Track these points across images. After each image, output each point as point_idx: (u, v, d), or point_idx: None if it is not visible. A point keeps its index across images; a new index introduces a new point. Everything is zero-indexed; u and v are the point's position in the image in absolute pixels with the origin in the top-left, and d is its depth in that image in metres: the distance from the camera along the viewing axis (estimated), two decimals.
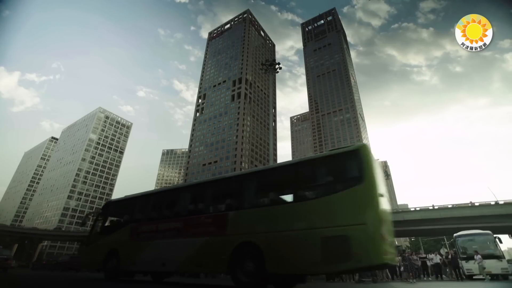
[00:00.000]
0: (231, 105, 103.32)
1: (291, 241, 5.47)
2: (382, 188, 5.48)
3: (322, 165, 6.40)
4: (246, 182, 7.35)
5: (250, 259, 5.81)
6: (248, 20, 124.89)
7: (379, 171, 5.94)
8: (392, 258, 5.33)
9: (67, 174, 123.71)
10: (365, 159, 5.47)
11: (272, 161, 40.35)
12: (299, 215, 5.63)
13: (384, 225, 4.98)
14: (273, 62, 35.96)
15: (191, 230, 7.14)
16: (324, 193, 5.71)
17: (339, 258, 4.94)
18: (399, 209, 67.98)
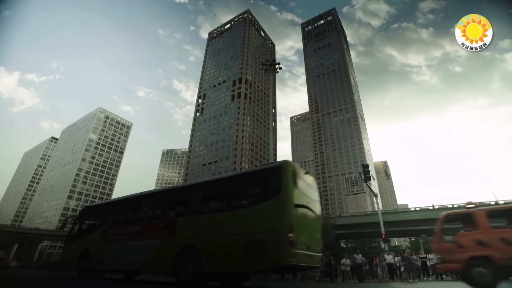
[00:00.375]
0: (231, 105, 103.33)
1: (220, 244, 6.36)
2: (303, 199, 6.42)
3: (250, 179, 7.39)
4: (191, 192, 8.31)
5: (191, 259, 6.61)
6: (248, 20, 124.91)
7: (306, 183, 7.00)
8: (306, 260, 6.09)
9: (67, 174, 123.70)
10: (285, 174, 6.23)
11: (272, 161, 40.25)
12: (228, 222, 6.53)
13: (297, 233, 5.74)
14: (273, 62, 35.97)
15: (147, 234, 8.05)
16: (249, 204, 6.59)
17: (255, 259, 5.79)
18: (399, 209, 68.05)
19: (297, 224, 5.89)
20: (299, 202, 6.16)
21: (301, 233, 5.98)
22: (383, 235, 21.57)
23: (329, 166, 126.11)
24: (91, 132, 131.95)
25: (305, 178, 7.04)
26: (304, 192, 6.65)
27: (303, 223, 6.25)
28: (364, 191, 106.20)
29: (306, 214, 6.47)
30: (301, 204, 6.27)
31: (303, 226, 6.25)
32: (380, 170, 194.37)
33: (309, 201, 6.73)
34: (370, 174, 23.13)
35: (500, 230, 7.47)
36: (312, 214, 6.73)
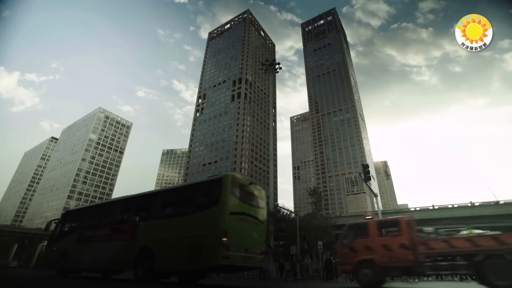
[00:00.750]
0: (231, 105, 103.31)
1: (170, 246, 7.29)
2: (242, 207, 7.35)
3: (198, 189, 8.43)
4: (151, 200, 9.32)
5: (147, 259, 7.47)
6: (248, 20, 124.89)
7: (249, 193, 7.99)
8: (243, 261, 7.03)
9: (67, 174, 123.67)
10: (224, 186, 7.15)
11: (272, 161, 40.34)
12: (177, 227, 7.46)
13: (233, 237, 6.60)
14: (273, 62, 35.95)
15: (114, 236, 9.02)
16: (194, 211, 7.56)
17: (195, 259, 6.75)
18: (399, 209, 68.00)
19: (233, 230, 6.76)
20: (236, 210, 7.10)
21: (237, 237, 6.87)
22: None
23: (329, 166, 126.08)
24: (91, 132, 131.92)
25: (249, 188, 8.09)
26: (245, 201, 7.63)
27: (240, 229, 7.13)
28: (364, 191, 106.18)
29: (245, 221, 7.37)
30: (239, 212, 7.20)
31: (241, 231, 7.14)
32: (380, 170, 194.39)
33: (250, 209, 7.69)
34: (370, 174, 23.14)
35: (383, 238, 8.93)
36: (253, 220, 7.65)
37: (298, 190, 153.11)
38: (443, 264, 8.14)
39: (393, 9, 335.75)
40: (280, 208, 34.99)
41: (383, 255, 8.43)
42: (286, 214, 33.54)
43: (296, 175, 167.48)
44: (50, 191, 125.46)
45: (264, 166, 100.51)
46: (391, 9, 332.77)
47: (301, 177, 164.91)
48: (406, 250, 8.17)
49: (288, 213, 34.08)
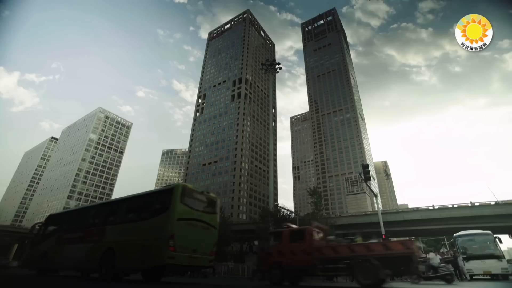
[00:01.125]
0: (231, 105, 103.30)
1: (128, 247, 8.31)
2: (191, 214, 8.42)
3: (154, 197, 9.63)
4: (116, 206, 10.59)
5: (110, 259, 8.43)
6: (248, 20, 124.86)
7: (199, 201, 9.06)
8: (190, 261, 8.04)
9: (67, 174, 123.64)
10: (174, 195, 8.18)
11: (272, 161, 40.33)
12: (135, 230, 8.61)
13: (179, 239, 7.64)
14: (273, 62, 35.94)
15: (86, 238, 10.03)
16: (149, 216, 8.66)
17: (146, 259, 7.80)
18: (399, 209, 68.02)
19: (180, 233, 7.76)
20: (184, 216, 8.15)
21: (185, 240, 7.87)
22: (383, 235, 21.57)
23: (329, 166, 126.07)
24: (91, 132, 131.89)
25: (200, 196, 9.24)
26: (195, 208, 8.69)
27: (188, 232, 8.11)
28: (364, 191, 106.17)
29: (194, 225, 8.39)
30: (188, 217, 8.26)
31: (189, 234, 8.12)
32: (380, 170, 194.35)
33: (200, 215, 8.76)
34: (370, 174, 23.14)
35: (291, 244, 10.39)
36: (202, 225, 8.70)
37: (298, 190, 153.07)
38: (330, 266, 9.54)
39: (393, 9, 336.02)
40: (280, 208, 34.94)
41: (289, 259, 10.03)
42: (286, 214, 33.49)
43: (296, 175, 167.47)
44: (50, 191, 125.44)
45: (264, 166, 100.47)
46: (391, 9, 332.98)
47: (301, 177, 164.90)
48: (306, 255, 9.75)
49: (288, 213, 34.04)
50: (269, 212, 32.62)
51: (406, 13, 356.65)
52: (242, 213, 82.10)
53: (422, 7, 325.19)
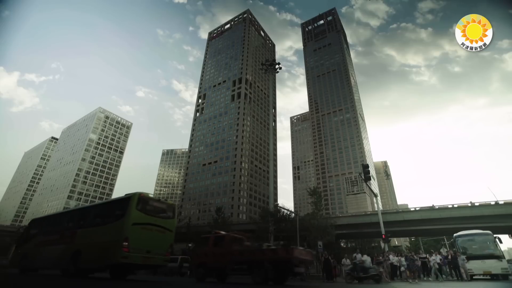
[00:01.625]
0: (231, 105, 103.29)
1: (91, 248, 9.47)
2: (147, 219, 9.56)
3: (115, 205, 10.86)
4: (84, 212, 12.36)
5: (77, 259, 9.58)
6: (248, 20, 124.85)
7: (155, 207, 10.27)
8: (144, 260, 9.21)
9: (67, 174, 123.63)
10: (131, 203, 9.31)
11: (272, 161, 40.31)
12: (98, 233, 9.73)
13: (134, 241, 8.78)
14: (273, 62, 35.93)
15: (60, 240, 11.06)
16: (110, 221, 9.83)
17: (104, 258, 9.07)
18: (399, 209, 67.99)
19: (134, 236, 8.90)
20: (139, 222, 9.29)
21: (139, 242, 9.02)
22: (383, 235, 21.57)
23: (329, 166, 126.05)
24: (91, 132, 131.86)
25: (156, 203, 10.48)
26: (151, 214, 9.83)
27: (143, 235, 9.24)
28: (364, 191, 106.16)
29: (149, 229, 9.53)
30: (143, 222, 9.40)
31: (143, 237, 9.24)
32: (380, 170, 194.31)
33: (155, 220, 9.89)
34: (370, 174, 23.14)
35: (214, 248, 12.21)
36: (157, 229, 9.81)
37: (298, 190, 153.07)
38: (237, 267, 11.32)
39: (392, 9, 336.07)
40: (280, 208, 34.97)
41: (211, 260, 11.87)
42: (286, 214, 33.51)
43: (296, 175, 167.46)
44: (50, 191, 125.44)
45: (264, 166, 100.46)
46: (390, 9, 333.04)
47: (301, 177, 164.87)
48: (223, 257, 11.58)
49: (288, 213, 34.04)
50: (269, 212, 32.63)
51: (406, 13, 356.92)
52: (242, 213, 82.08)
53: (422, 7, 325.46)
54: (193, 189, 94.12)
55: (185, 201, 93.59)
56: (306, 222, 31.06)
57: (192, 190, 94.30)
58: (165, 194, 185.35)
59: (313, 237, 29.04)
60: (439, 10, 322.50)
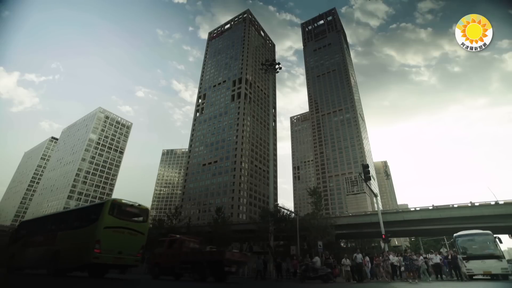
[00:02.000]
0: (231, 105, 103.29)
1: (69, 249, 10.38)
2: (119, 223, 10.38)
3: (90, 210, 12.15)
4: (64, 216, 13.48)
5: (57, 259, 10.47)
6: (248, 20, 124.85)
7: (128, 212, 11.09)
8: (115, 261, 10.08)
9: (67, 174, 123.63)
10: (103, 209, 10.26)
11: (272, 161, 40.26)
12: (75, 235, 10.73)
13: (105, 243, 9.69)
14: (273, 62, 35.92)
15: (43, 242, 11.97)
16: (85, 225, 10.75)
17: (79, 258, 9.99)
18: (399, 209, 67.99)
19: (106, 238, 9.78)
20: (111, 225, 10.14)
21: (111, 244, 9.90)
22: (383, 235, 21.57)
23: (329, 166, 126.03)
24: (91, 132, 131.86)
25: (129, 208, 11.22)
26: (123, 218, 10.65)
27: (114, 238, 10.08)
28: (364, 191, 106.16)
29: (120, 232, 10.35)
30: (115, 226, 10.24)
31: (115, 239, 10.07)
32: (380, 170, 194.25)
33: (127, 224, 10.73)
34: (370, 174, 23.14)
35: (168, 249, 14.13)
36: (129, 232, 10.64)
37: (298, 190, 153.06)
38: (184, 266, 12.85)
39: (392, 9, 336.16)
40: (280, 208, 34.92)
41: (165, 260, 13.29)
42: (286, 214, 33.46)
43: (296, 175, 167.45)
44: (50, 191, 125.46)
45: (264, 166, 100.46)
46: (390, 9, 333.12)
47: (301, 177, 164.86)
48: (174, 258, 13.18)
49: (288, 213, 34.00)
50: (269, 212, 32.59)
51: (405, 13, 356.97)
52: (242, 213, 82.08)
53: (421, 7, 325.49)
54: (193, 189, 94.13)
55: (185, 201, 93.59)
56: (306, 222, 31.04)
57: (192, 190, 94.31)
58: (165, 194, 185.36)
59: (313, 237, 29.04)
60: (439, 10, 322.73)
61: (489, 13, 7.68)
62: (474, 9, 8.13)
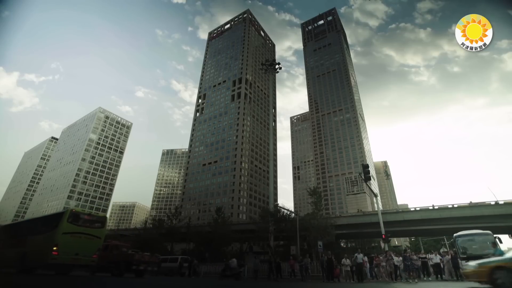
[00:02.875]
0: (231, 105, 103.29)
1: (33, 251, 12.23)
2: (76, 229, 12.21)
3: (53, 218, 13.62)
4: (34, 223, 15.92)
5: (24, 259, 12.29)
6: (248, 20, 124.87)
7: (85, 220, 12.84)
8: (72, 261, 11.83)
9: (67, 174, 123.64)
10: (63, 217, 12.14)
11: (272, 161, 40.25)
12: (40, 240, 12.54)
13: (63, 246, 11.44)
14: (273, 62, 35.93)
15: (17, 244, 13.70)
16: (48, 230, 12.54)
17: (40, 258, 11.78)
18: (399, 209, 68.01)
19: (64, 242, 11.55)
20: (69, 231, 11.96)
21: (68, 247, 11.64)
22: (383, 235, 21.57)
23: (329, 166, 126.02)
24: (91, 132, 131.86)
25: (86, 217, 13.09)
26: (80, 225, 12.48)
27: (72, 242, 11.86)
28: (364, 191, 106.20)
29: (78, 237, 12.20)
30: (73, 231, 12.07)
31: (72, 243, 11.86)
32: (380, 170, 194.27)
33: (85, 229, 12.56)
34: (370, 174, 23.14)
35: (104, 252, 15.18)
36: (86, 236, 12.51)
37: (298, 190, 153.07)
38: (111, 265, 15.15)
39: (391, 9, 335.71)
40: (280, 208, 34.97)
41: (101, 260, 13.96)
42: (286, 214, 33.51)
43: (296, 175, 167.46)
44: (50, 191, 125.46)
45: (264, 166, 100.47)
46: (389, 9, 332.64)
47: (301, 177, 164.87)
48: (106, 258, 14.94)
49: (288, 213, 34.05)
50: (269, 212, 32.62)
51: (405, 13, 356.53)
52: (242, 213, 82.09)
53: (421, 7, 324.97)
54: (193, 189, 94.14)
55: (185, 201, 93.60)
56: (306, 222, 31.06)
57: (192, 190, 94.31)
58: (165, 194, 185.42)
59: (313, 237, 29.06)
60: (438, 10, 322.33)
61: (487, 13, 7.68)
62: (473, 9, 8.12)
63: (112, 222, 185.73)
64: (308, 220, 31.47)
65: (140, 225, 64.44)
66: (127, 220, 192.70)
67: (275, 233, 31.40)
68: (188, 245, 46.05)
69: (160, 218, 50.65)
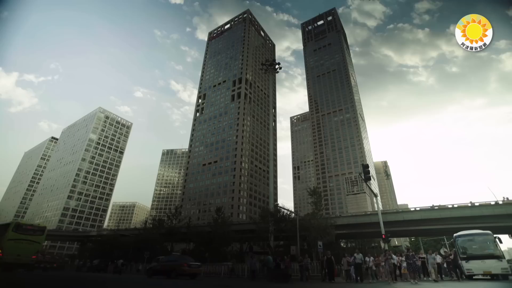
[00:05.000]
0: (231, 105, 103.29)
1: (8, 253, 16.02)
2: (20, 236, 16.79)
3: (2, 228, 17.73)
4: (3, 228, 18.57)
5: None
6: (248, 20, 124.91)
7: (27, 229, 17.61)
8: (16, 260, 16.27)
9: (67, 174, 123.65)
10: (9, 227, 16.85)
11: (272, 161, 40.22)
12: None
13: (8, 249, 16.10)
14: (273, 62, 35.95)
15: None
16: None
17: None
18: (399, 209, 67.93)
19: (9, 247, 16.03)
20: (13, 238, 16.37)
21: (12, 249, 16.03)
22: (383, 235, 21.55)
23: (329, 166, 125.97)
24: (91, 132, 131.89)
25: (29, 227, 18.03)
26: (23, 233, 16.97)
27: (15, 246, 16.23)
28: (364, 191, 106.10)
29: (20, 242, 16.54)
30: (16, 238, 16.46)
31: (15, 247, 16.20)
32: (380, 170, 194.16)
33: (26, 236, 16.92)
34: (370, 174, 23.11)
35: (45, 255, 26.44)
36: (27, 241, 16.84)
37: (298, 190, 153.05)
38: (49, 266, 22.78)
39: (389, 9, 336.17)
40: (280, 208, 34.96)
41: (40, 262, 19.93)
42: (286, 214, 33.50)
43: (296, 175, 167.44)
44: (50, 191, 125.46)
45: (264, 166, 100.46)
46: (387, 9, 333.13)
47: (301, 177, 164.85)
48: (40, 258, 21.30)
49: (288, 213, 34.03)
50: (269, 212, 32.61)
51: (403, 14, 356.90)
52: (242, 213, 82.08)
53: (419, 7, 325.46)
54: (193, 189, 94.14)
55: (185, 201, 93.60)
56: (306, 222, 31.04)
57: (192, 190, 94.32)
58: (165, 194, 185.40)
59: (313, 237, 29.04)
60: (436, 11, 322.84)
61: (486, 14, 7.66)
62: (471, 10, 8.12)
63: (112, 222, 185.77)
64: (308, 220, 31.46)
65: (140, 225, 64.41)
66: (127, 220, 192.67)
67: (275, 233, 31.39)
68: (188, 245, 46.03)
69: (160, 218, 50.59)
